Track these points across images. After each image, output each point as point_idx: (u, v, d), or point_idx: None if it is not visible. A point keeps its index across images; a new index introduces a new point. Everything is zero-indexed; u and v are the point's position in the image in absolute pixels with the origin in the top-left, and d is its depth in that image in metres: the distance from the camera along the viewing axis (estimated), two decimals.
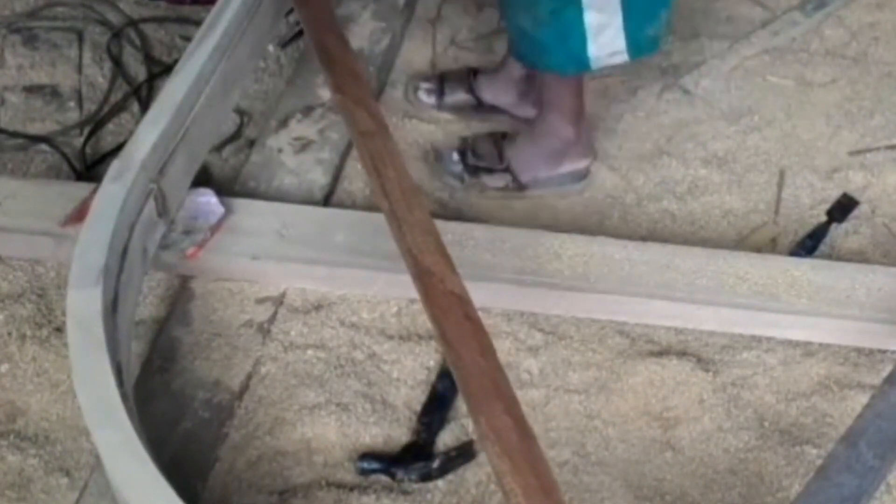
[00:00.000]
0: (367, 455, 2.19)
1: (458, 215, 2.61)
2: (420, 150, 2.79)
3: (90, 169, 2.75)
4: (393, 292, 2.44)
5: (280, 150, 2.71)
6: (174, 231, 2.44)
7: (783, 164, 2.76)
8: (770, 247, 2.58)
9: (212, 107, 2.55)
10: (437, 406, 2.27)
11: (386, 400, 2.29)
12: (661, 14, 2.42)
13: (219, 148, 2.78)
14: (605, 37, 2.36)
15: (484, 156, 2.67)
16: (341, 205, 2.64)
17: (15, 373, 2.33)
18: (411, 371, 2.33)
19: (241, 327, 2.39)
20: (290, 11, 3.00)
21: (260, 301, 2.43)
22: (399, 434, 2.24)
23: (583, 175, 2.65)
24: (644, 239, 2.54)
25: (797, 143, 2.81)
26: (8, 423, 2.25)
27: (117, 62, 2.98)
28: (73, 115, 2.88)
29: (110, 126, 2.86)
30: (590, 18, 2.32)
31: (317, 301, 2.44)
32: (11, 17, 3.11)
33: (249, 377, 2.32)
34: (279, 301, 2.44)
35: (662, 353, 2.35)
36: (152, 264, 2.40)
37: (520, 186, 2.64)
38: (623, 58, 2.41)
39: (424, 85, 2.86)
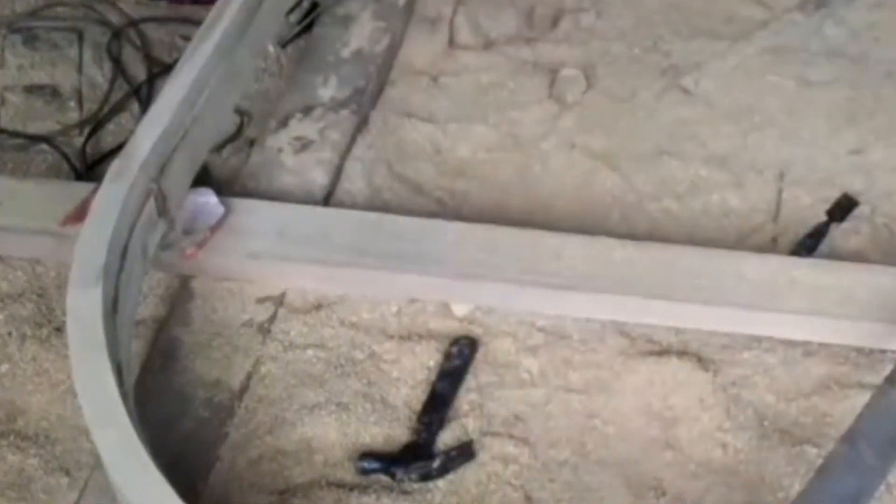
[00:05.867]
0: (367, 455, 2.19)
1: (457, 215, 2.61)
2: (419, 150, 2.79)
3: (90, 169, 2.75)
4: (393, 292, 2.44)
5: (280, 150, 2.71)
6: (174, 231, 2.44)
7: (783, 164, 2.76)
8: (770, 247, 2.58)
9: (212, 107, 2.55)
10: (437, 406, 2.27)
11: (386, 399, 2.29)
12: None
13: (219, 148, 2.78)
14: None
15: None
16: (341, 205, 2.64)
17: (15, 372, 2.33)
18: (411, 371, 2.33)
19: (241, 327, 2.39)
20: (291, 11, 3.01)
21: (260, 301, 2.43)
22: (399, 434, 2.24)
23: None
24: (644, 239, 2.54)
25: (797, 143, 2.81)
26: (8, 423, 2.25)
27: (117, 62, 2.98)
28: (73, 115, 2.88)
29: (110, 126, 2.86)
30: None
31: (317, 301, 2.44)
32: (12, 16, 3.11)
33: (249, 377, 2.32)
34: (279, 301, 2.44)
35: (662, 353, 2.35)
36: (152, 264, 2.39)
37: None
38: None
39: None
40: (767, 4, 3.15)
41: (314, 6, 3.09)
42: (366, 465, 2.18)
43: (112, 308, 2.13)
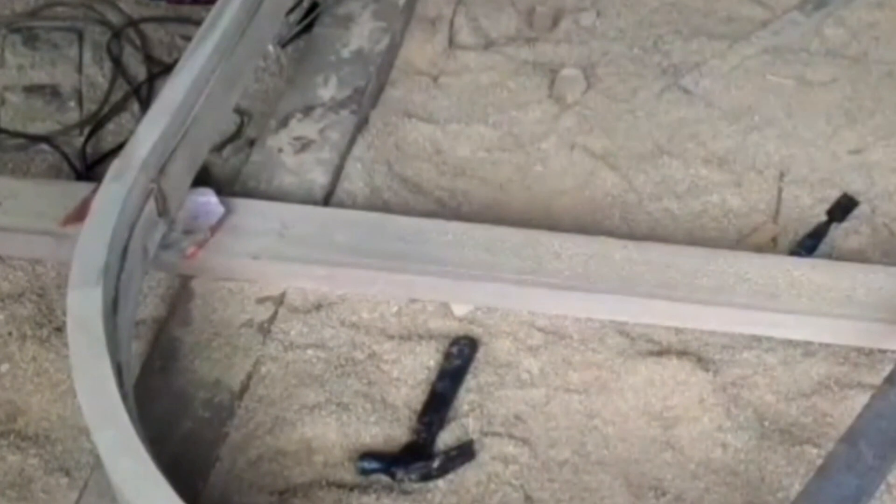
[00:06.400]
0: (367, 455, 2.19)
1: (457, 215, 2.61)
2: (419, 150, 2.80)
3: (90, 169, 2.75)
4: (393, 292, 2.44)
5: (280, 150, 2.71)
6: (174, 231, 2.44)
7: (783, 164, 2.76)
8: (770, 247, 2.58)
9: (212, 106, 2.55)
10: (437, 406, 2.27)
11: (386, 400, 2.29)
12: None
13: (219, 147, 2.78)
14: None
15: None
16: (341, 204, 2.64)
17: (15, 372, 2.33)
18: (411, 371, 2.33)
19: (241, 327, 2.39)
20: (291, 11, 3.01)
21: (260, 301, 2.43)
22: (399, 434, 2.24)
23: None
24: (644, 239, 2.54)
25: (797, 143, 2.81)
26: (8, 423, 2.25)
27: (117, 62, 2.98)
28: (73, 115, 2.88)
29: (110, 126, 2.87)
30: None
31: (317, 301, 2.44)
32: (11, 16, 3.11)
33: (250, 377, 2.32)
34: (279, 301, 2.44)
35: (662, 353, 2.35)
36: (152, 264, 2.40)
37: None
38: None
39: None
40: (767, 4, 3.15)
41: (314, 6, 3.09)
42: (366, 465, 2.18)
43: (112, 308, 2.14)
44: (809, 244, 2.57)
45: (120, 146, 2.61)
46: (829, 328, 2.36)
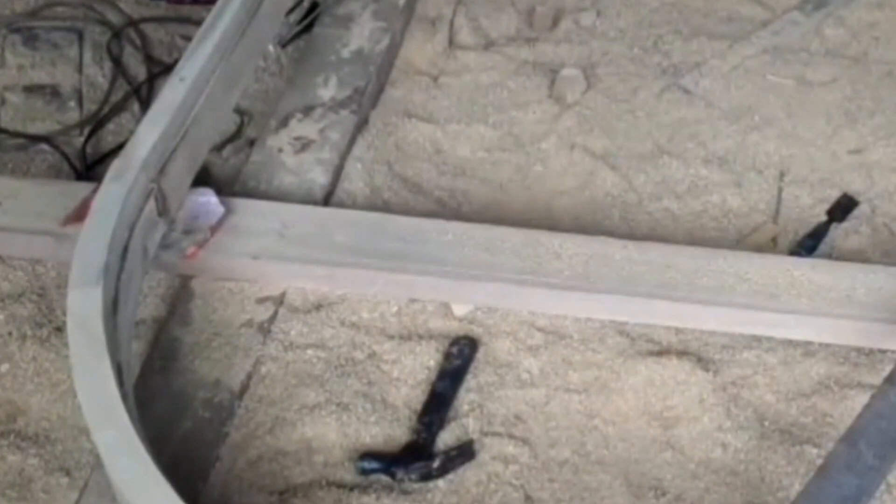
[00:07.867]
0: (367, 455, 2.19)
1: (457, 215, 2.62)
2: (419, 150, 2.80)
3: (90, 169, 2.75)
4: (393, 292, 2.44)
5: (280, 150, 2.71)
6: (174, 231, 2.44)
7: (783, 164, 2.76)
8: (770, 247, 2.58)
9: (212, 107, 2.55)
10: (437, 406, 2.27)
11: (386, 400, 2.29)
12: None
13: (219, 147, 2.78)
14: None
15: None
16: (341, 204, 2.64)
17: (15, 372, 2.33)
18: (411, 371, 2.33)
19: (241, 327, 2.39)
20: (291, 11, 3.01)
21: (260, 301, 2.43)
22: (399, 434, 2.24)
23: None
24: (644, 239, 2.54)
25: (797, 143, 2.81)
26: (8, 423, 2.26)
27: (117, 62, 2.99)
28: (73, 115, 2.88)
29: (111, 126, 2.87)
30: None
31: (317, 301, 2.44)
32: (11, 16, 3.11)
33: (250, 377, 2.32)
34: (279, 301, 2.44)
35: (662, 353, 2.36)
36: (153, 264, 2.40)
37: None
38: None
39: None
40: (767, 4, 3.15)
41: (314, 6, 3.09)
42: (366, 465, 2.18)
43: (112, 308, 2.14)
44: (809, 244, 2.57)
45: (120, 146, 2.61)
46: (829, 328, 2.36)
